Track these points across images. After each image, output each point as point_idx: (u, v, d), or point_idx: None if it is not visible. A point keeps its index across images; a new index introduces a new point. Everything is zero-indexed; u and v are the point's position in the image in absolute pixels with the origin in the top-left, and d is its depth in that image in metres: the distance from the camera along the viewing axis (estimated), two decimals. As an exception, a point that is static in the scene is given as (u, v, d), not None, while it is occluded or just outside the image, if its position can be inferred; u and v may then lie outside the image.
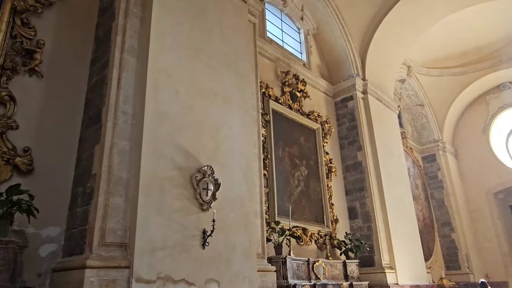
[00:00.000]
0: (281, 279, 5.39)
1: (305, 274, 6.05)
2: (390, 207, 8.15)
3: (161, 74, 4.25)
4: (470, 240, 12.46)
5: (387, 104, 9.77)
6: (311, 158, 7.70)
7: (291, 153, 7.21)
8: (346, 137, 8.78)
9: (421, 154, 13.50)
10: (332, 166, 8.13)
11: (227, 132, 4.85)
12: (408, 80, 12.84)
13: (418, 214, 11.57)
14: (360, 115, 8.67)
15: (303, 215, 6.93)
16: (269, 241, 5.70)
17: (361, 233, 7.93)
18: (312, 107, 8.32)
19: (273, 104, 7.10)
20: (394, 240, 7.81)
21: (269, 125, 6.80)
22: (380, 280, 7.31)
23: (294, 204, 6.81)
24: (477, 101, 14.01)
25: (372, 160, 8.39)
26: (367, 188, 8.10)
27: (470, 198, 13.38)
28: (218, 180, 4.37)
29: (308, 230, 6.85)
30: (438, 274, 10.74)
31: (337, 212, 7.89)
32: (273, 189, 6.36)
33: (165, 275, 3.59)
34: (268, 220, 6.09)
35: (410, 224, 8.76)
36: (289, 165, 7.05)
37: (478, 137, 13.79)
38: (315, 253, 6.95)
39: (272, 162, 6.54)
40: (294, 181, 7.02)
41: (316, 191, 7.50)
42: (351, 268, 6.99)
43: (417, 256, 8.59)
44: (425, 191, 12.67)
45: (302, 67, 8.44)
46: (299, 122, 7.71)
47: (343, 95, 9.09)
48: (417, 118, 13.67)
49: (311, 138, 7.91)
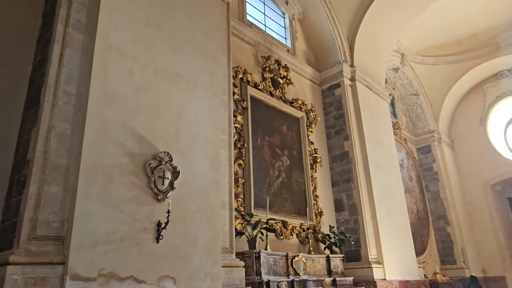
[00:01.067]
0: (254, 275, 5.03)
1: (283, 269, 5.69)
2: (379, 199, 7.77)
3: (112, 52, 3.86)
4: (466, 234, 12.08)
5: (377, 92, 9.36)
6: (294, 148, 7.31)
7: (272, 142, 6.82)
8: (333, 126, 8.38)
9: (416, 145, 13.09)
10: (317, 156, 7.74)
11: (192, 117, 4.46)
12: (402, 68, 12.41)
13: (412, 207, 11.20)
14: (348, 103, 8.27)
15: (283, 207, 6.56)
16: (241, 234, 5.34)
17: (347, 226, 7.56)
18: (296, 95, 7.92)
19: (252, 90, 6.71)
20: (382, 234, 7.44)
21: (247, 112, 6.41)
22: (366, 275, 6.94)
23: (273, 196, 6.44)
24: (474, 90, 13.57)
25: (359, 150, 8.00)
26: (354, 179, 7.71)
27: (467, 190, 12.99)
28: (177, 168, 3.99)
29: (289, 223, 6.48)
30: (433, 268, 10.38)
31: (322, 204, 7.51)
32: (249, 180, 5.98)
33: (108, 272, 3.22)
34: (243, 213, 5.73)
35: (400, 217, 8.38)
36: (269, 155, 6.67)
37: (475, 128, 13.37)
38: (296, 248, 6.58)
39: (249, 151, 6.16)
40: (274, 171, 6.64)
41: (299, 183, 7.12)
42: (335, 263, 6.63)
43: (408, 250, 8.22)
44: (419, 183, 12.27)
45: (286, 53, 8.03)
46: (281, 110, 7.32)
47: (330, 82, 8.68)
48: (411, 108, 13.24)
49: (294, 127, 7.52)
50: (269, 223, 5.76)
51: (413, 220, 10.98)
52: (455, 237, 11.63)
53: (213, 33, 5.18)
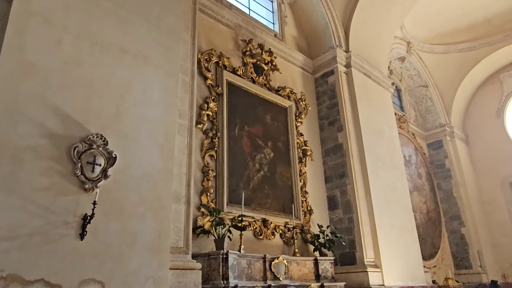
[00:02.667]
0: (220, 279, 4.39)
1: (259, 273, 5.03)
2: (377, 196, 7.01)
3: (34, 18, 3.33)
4: (483, 236, 11.06)
5: (377, 81, 8.60)
6: (280, 140, 6.65)
7: (253, 132, 6.19)
8: (326, 117, 7.68)
9: (426, 140, 12.18)
10: (307, 149, 7.05)
11: (139, 96, 3.90)
12: (409, 58, 11.58)
13: (421, 207, 10.33)
14: (342, 91, 7.55)
15: (265, 204, 5.90)
16: (206, 232, 4.72)
17: (341, 225, 6.82)
18: (284, 83, 7.27)
19: (229, 76, 6.11)
20: (380, 234, 6.67)
21: (222, 98, 5.81)
22: (361, 280, 6.19)
23: (253, 191, 5.79)
24: (490, 80, 12.57)
25: (355, 142, 7.26)
26: (348, 174, 6.97)
27: (483, 188, 11.96)
28: (113, 153, 3.43)
29: (270, 222, 5.82)
30: (445, 273, 9.47)
31: (313, 201, 6.81)
32: (222, 173, 5.36)
33: (9, 274, 2.66)
34: (214, 208, 5.10)
35: (404, 215, 7.57)
36: (249, 146, 6.04)
37: (492, 121, 12.36)
38: (280, 249, 5.90)
39: (223, 141, 5.55)
40: (254, 164, 6.00)
41: (285, 177, 6.45)
42: (324, 266, 5.91)
43: (412, 252, 7.39)
44: (430, 181, 11.36)
45: (273, 38, 7.40)
46: (265, 98, 6.68)
47: (323, 70, 7.99)
48: (421, 101, 12.36)
49: (280, 117, 6.86)
50: (239, 221, 5.12)
51: (422, 221, 10.11)
52: (471, 240, 10.65)
53: (172, 7, 4.62)
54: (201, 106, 5.49)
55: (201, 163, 5.25)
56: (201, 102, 5.54)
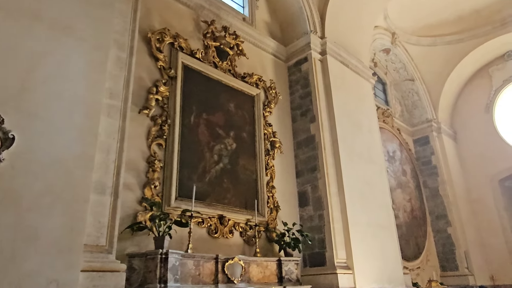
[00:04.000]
0: (157, 282, 3.84)
1: (209, 276, 4.49)
2: (351, 191, 6.49)
3: None
4: (471, 236, 10.57)
5: (356, 70, 8.08)
6: (245, 130, 6.12)
7: (212, 121, 5.66)
8: (299, 107, 7.15)
9: (413, 136, 11.69)
10: (275, 140, 6.53)
11: (53, 71, 3.36)
12: (394, 50, 11.09)
13: (405, 205, 9.84)
14: (315, 79, 7.03)
15: (223, 199, 5.36)
16: (142, 229, 4.18)
17: (312, 223, 6.30)
18: (253, 70, 6.74)
19: (186, 58, 5.57)
20: (353, 232, 6.14)
21: (175, 83, 5.27)
22: (330, 283, 5.66)
23: (209, 185, 5.25)
24: (479, 74, 12.10)
25: (329, 133, 6.74)
26: (319, 168, 6.45)
27: (472, 186, 11.48)
28: (10, 133, 2.89)
29: (228, 218, 5.27)
30: (430, 275, 8.97)
31: (281, 197, 6.28)
32: (171, 164, 4.83)
33: None
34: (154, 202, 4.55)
35: (382, 213, 7.05)
36: (207, 135, 5.50)
37: (481, 116, 11.89)
38: (239, 249, 5.36)
39: (175, 129, 5.01)
40: (212, 156, 5.46)
41: (248, 170, 5.91)
42: (288, 268, 5.37)
43: (390, 253, 6.87)
44: (415, 178, 10.86)
45: (241, 21, 6.88)
46: (229, 85, 6.15)
47: (296, 57, 7.46)
48: (407, 95, 11.87)
49: (246, 105, 6.33)
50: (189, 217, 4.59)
51: (406, 220, 9.61)
52: (457, 239, 10.15)
53: (107, -26, 4.09)
54: (150, 89, 4.96)
55: (147, 152, 4.71)
56: (150, 85, 5.00)
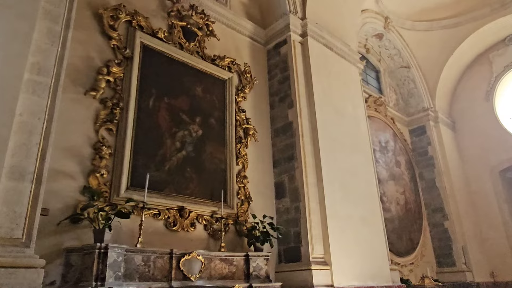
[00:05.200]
0: (92, 280, 3.43)
1: (161, 272, 4.08)
2: (331, 182, 6.02)
3: None
4: (470, 230, 10.03)
5: (342, 54, 7.58)
6: (213, 115, 5.69)
7: (175, 105, 5.23)
8: (277, 93, 6.69)
9: (409, 126, 11.15)
10: (249, 127, 6.08)
11: (-38, 40, 2.96)
12: (387, 35, 10.55)
13: (398, 197, 9.34)
14: (295, 62, 6.55)
15: (185, 189, 4.94)
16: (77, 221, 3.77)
17: (288, 216, 5.85)
18: (226, 52, 6.29)
19: (146, 38, 5.14)
20: (332, 226, 5.68)
21: (131, 63, 4.85)
22: (304, 280, 5.21)
23: (169, 174, 4.83)
24: (479, 60, 11.50)
25: (308, 120, 6.27)
26: (297, 156, 5.99)
27: (471, 178, 10.92)
28: None
29: (190, 210, 4.85)
30: (425, 271, 8.47)
31: (255, 188, 5.84)
32: (123, 150, 4.40)
33: None
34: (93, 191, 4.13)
35: (366, 206, 6.58)
36: (168, 121, 5.07)
37: (480, 104, 11.30)
38: (203, 243, 4.94)
39: (128, 113, 4.59)
40: (174, 143, 5.04)
41: (216, 159, 5.48)
42: (256, 264, 4.94)
43: (376, 248, 6.40)
44: (411, 170, 10.34)
45: (213, 1, 6.42)
46: (197, 67, 5.71)
47: (276, 40, 6.99)
48: (402, 83, 11.32)
49: (216, 90, 5.89)
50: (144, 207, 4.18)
51: (399, 213, 9.12)
52: (454, 234, 9.62)
53: None
54: (100, 70, 4.53)
55: (94, 137, 4.29)
56: (100, 65, 4.58)
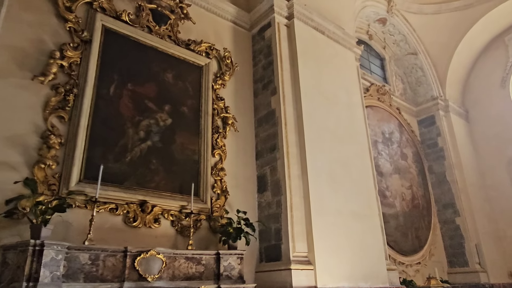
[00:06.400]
0: (23, 280, 3.09)
1: (112, 272, 3.70)
2: (318, 174, 5.52)
3: None
4: (484, 227, 9.26)
5: (335, 38, 7.04)
6: (186, 104, 5.29)
7: (140, 93, 4.86)
8: (261, 79, 6.23)
9: (417, 117, 10.45)
10: (228, 116, 5.65)
11: None
12: (391, 20, 9.89)
13: (404, 192, 8.72)
14: (279, 46, 6.07)
15: (149, 182, 4.56)
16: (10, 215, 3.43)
17: (269, 211, 5.39)
18: (203, 37, 5.88)
19: (108, 20, 4.79)
20: (318, 222, 5.18)
21: (89, 47, 4.50)
22: (283, 281, 4.74)
23: (130, 165, 4.46)
24: (492, 44, 10.68)
25: (292, 107, 5.78)
26: (279, 146, 5.52)
27: (486, 170, 10.12)
28: None
29: (153, 205, 4.46)
30: (433, 271, 7.82)
31: (234, 181, 5.41)
32: (75, 140, 4.06)
33: None
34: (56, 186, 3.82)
35: (361, 200, 6.03)
36: (131, 109, 4.71)
37: (496, 92, 10.47)
38: (169, 241, 4.54)
39: (83, 100, 4.24)
40: (138, 132, 4.66)
41: (188, 150, 5.08)
42: (228, 263, 4.51)
43: (370, 245, 5.84)
44: (419, 163, 9.66)
45: (190, -17, 6.04)
46: (168, 52, 5.33)
47: (260, 23, 6.53)
48: (410, 71, 10.62)
49: (190, 76, 5.49)
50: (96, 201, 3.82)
51: (404, 209, 8.49)
52: (467, 231, 8.89)
53: None
54: (52, 53, 4.21)
55: (42, 125, 3.96)
56: (53, 49, 4.26)
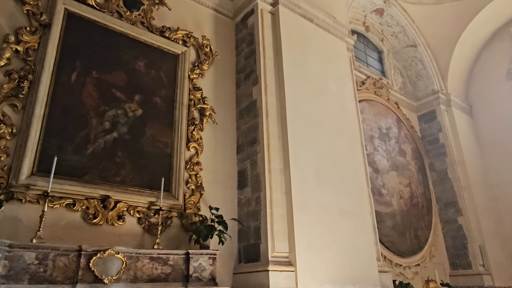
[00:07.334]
0: (-48, 282, 2.79)
1: (63, 273, 3.39)
2: (303, 168, 5.14)
3: None
4: (489, 227, 8.75)
5: (325, 27, 6.67)
6: (159, 94, 4.96)
7: (107, 81, 4.55)
8: (243, 69, 5.89)
9: (417, 112, 9.99)
10: (205, 107, 5.31)
11: None
12: (389, 10, 9.47)
13: (402, 190, 8.28)
14: (262, 33, 5.72)
15: (114, 176, 4.23)
16: None
17: (249, 208, 5.03)
18: (181, 24, 5.56)
19: (72, 4, 4.50)
20: (301, 220, 4.80)
21: (48, 31, 4.21)
22: (261, 283, 4.37)
23: (92, 158, 4.14)
24: (497, 35, 10.17)
25: (275, 98, 5.42)
26: (259, 139, 5.16)
27: (491, 168, 9.60)
28: None
29: (117, 201, 4.13)
30: (434, 274, 7.35)
31: (211, 177, 5.07)
32: (28, 130, 3.76)
33: None
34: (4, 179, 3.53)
35: (350, 197, 5.62)
36: (96, 98, 4.39)
37: (501, 85, 9.95)
38: (136, 239, 4.21)
39: (39, 87, 3.95)
40: (102, 123, 4.34)
41: (160, 143, 4.75)
42: (199, 263, 4.17)
43: (361, 246, 5.43)
44: (418, 159, 9.20)
45: (167, -32, 5.73)
46: (139, 39, 5.02)
47: (244, 11, 6.20)
48: (409, 64, 10.17)
49: (164, 65, 5.17)
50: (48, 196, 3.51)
51: (402, 208, 8.04)
52: (470, 231, 8.40)
53: None
54: (6, 37, 3.93)
55: (-9, 114, 3.68)
56: (7, 33, 3.97)
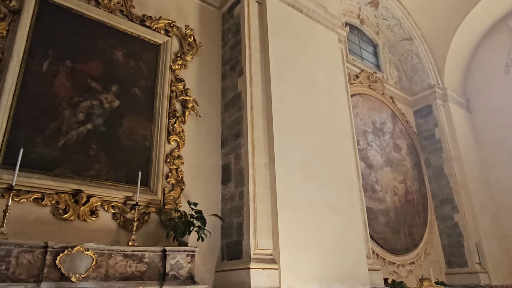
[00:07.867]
0: None
1: (28, 271, 3.21)
2: (289, 163, 4.95)
3: None
4: (486, 224, 8.55)
5: (315, 18, 6.46)
6: (138, 85, 4.77)
7: (81, 71, 4.35)
8: (229, 61, 5.69)
9: (413, 107, 9.78)
10: (188, 99, 5.11)
11: None
12: (384, 2, 9.26)
13: (396, 186, 8.07)
14: (247, 23, 5.52)
15: (87, 170, 4.04)
16: None
17: (232, 203, 4.83)
18: (163, 13, 5.36)
19: (45, -10, 4.32)
20: (285, 216, 4.61)
21: (18, 18, 4.02)
22: (242, 281, 4.18)
23: (63, 151, 3.95)
24: (495, 28, 9.94)
25: (260, 90, 5.22)
26: (243, 132, 4.96)
27: (488, 164, 9.39)
28: None
29: (90, 195, 3.94)
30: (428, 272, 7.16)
31: (193, 171, 4.88)
32: (-7, 120, 3.58)
33: None
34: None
35: (339, 192, 5.43)
36: (69, 88, 4.20)
37: (499, 79, 9.73)
38: (109, 235, 4.02)
39: (6, 76, 3.75)
40: (76, 114, 4.15)
41: (138, 135, 4.56)
42: (176, 261, 3.98)
43: (349, 243, 5.24)
44: (414, 155, 9.00)
45: (150, -44, 5.53)
46: (118, 28, 4.82)
47: (230, 0, 6.00)
48: (405, 58, 9.95)
49: (145, 55, 4.97)
50: (10, 190, 3.31)
51: (396, 204, 7.84)
52: (466, 228, 8.19)
53: None
54: (-29, 24, 3.75)
55: (-47, 104, 3.50)
56: (-28, 19, 3.79)
